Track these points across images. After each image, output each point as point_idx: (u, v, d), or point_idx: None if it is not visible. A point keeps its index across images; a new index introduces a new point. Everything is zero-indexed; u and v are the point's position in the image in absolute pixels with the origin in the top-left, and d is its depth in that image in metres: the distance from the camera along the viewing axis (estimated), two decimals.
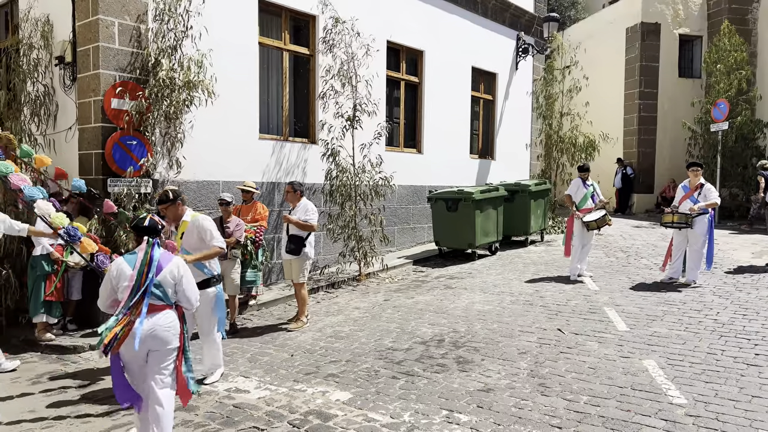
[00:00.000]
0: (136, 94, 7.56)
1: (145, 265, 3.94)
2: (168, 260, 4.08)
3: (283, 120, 10.01)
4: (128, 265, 3.98)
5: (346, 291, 9.35)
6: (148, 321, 3.89)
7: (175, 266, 4.09)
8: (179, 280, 4.08)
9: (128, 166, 7.56)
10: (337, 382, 5.41)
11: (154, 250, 4.02)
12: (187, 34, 7.82)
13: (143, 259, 3.96)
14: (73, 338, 6.99)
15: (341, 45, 9.69)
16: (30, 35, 8.12)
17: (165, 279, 4.01)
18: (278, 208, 9.60)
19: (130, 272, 3.94)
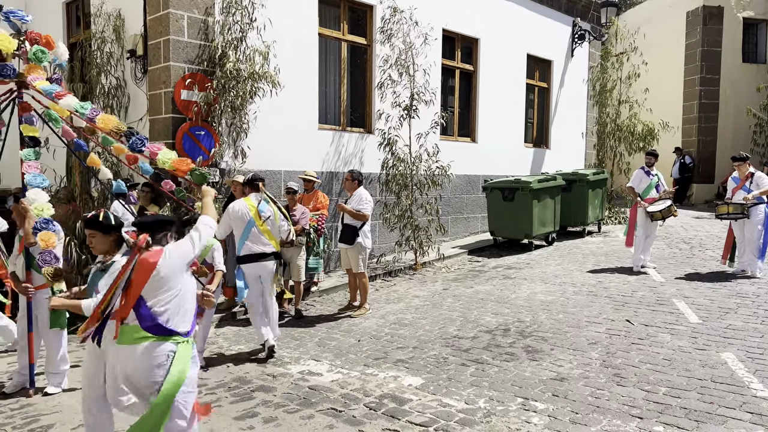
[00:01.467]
0: (204, 85, 7.78)
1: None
2: None
3: (341, 110, 10.11)
4: None
5: (404, 279, 9.42)
6: None
7: None
8: None
9: (197, 155, 7.79)
10: (407, 368, 5.48)
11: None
12: (252, 25, 7.98)
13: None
14: None
15: (399, 34, 9.70)
16: (102, 29, 8.43)
17: None
18: (336, 197, 9.72)
19: None
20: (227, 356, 6.02)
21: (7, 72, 4.76)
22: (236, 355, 6.07)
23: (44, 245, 4.27)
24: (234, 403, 4.78)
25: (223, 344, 6.45)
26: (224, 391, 5.04)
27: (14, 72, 4.80)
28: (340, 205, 7.47)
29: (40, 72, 5.01)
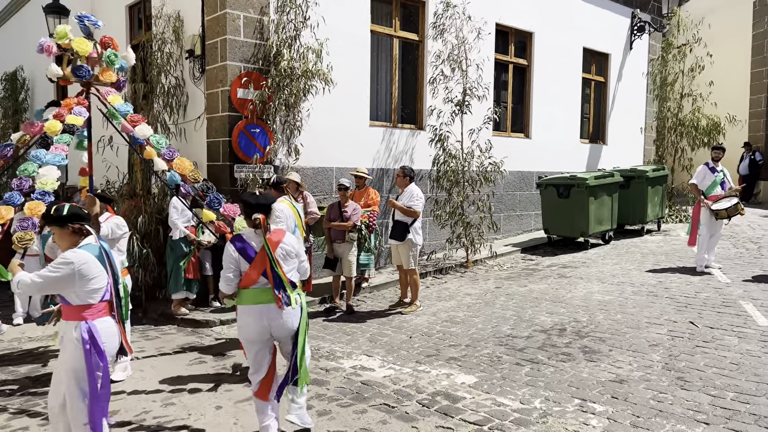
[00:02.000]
0: (259, 83, 7.92)
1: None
2: None
3: (392, 107, 10.11)
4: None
5: (455, 277, 9.34)
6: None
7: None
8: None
9: (253, 153, 7.95)
10: (460, 366, 5.43)
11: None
12: (306, 24, 8.08)
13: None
14: (204, 313, 7.47)
15: (451, 29, 9.62)
16: (163, 31, 8.68)
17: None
18: (387, 193, 9.72)
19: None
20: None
21: (82, 73, 4.96)
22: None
23: (29, 213, 4.32)
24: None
25: None
26: None
27: (89, 73, 5.00)
28: (391, 201, 7.46)
29: (111, 74, 5.18)
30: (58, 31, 4.90)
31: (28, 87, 14.74)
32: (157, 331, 6.99)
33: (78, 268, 3.26)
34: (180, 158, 4.89)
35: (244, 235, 3.93)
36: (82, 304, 3.34)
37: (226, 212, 4.81)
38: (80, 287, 3.30)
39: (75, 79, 5.01)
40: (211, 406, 4.65)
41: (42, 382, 5.21)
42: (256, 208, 3.90)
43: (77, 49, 4.91)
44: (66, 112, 4.88)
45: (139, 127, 4.96)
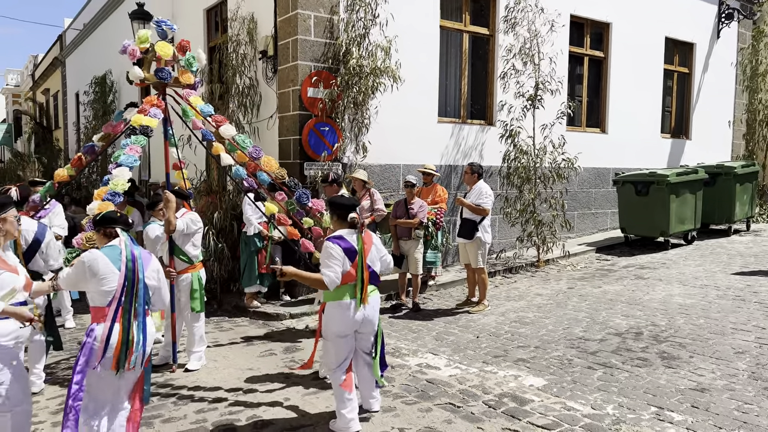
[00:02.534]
0: (329, 82, 8.03)
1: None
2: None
3: (461, 102, 9.98)
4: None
5: (525, 277, 9.12)
6: None
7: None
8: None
9: (322, 150, 8.07)
10: (529, 368, 5.29)
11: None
12: (375, 21, 8.11)
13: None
14: (275, 307, 7.67)
15: (523, 23, 9.39)
16: (238, 33, 8.97)
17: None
18: (455, 190, 9.62)
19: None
20: None
21: (164, 75, 5.20)
22: None
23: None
24: None
25: None
26: None
27: (170, 75, 5.24)
28: (459, 199, 7.37)
29: (189, 76, 5.39)
30: (139, 36, 5.14)
31: (115, 89, 15.66)
32: (230, 323, 7.24)
33: (88, 264, 3.33)
34: (267, 157, 5.02)
35: (345, 235, 4.07)
36: (96, 306, 3.39)
37: (315, 206, 4.94)
38: (94, 286, 3.34)
39: (156, 81, 5.24)
40: (280, 398, 4.75)
41: None
42: (351, 209, 4.15)
43: (160, 52, 5.14)
44: (149, 107, 5.11)
45: (223, 127, 5.13)
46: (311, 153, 8.10)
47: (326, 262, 3.95)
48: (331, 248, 3.97)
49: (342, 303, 4.05)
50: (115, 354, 3.28)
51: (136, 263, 3.40)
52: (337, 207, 4.18)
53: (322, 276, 3.93)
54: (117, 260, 3.36)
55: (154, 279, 3.56)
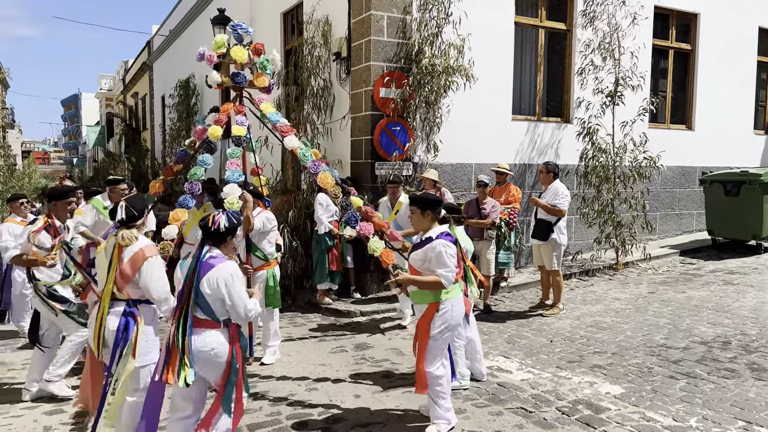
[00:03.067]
0: (401, 82, 8.06)
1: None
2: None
3: (536, 99, 9.75)
4: None
5: (602, 279, 8.80)
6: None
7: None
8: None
9: (393, 150, 8.11)
10: (605, 375, 5.10)
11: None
12: (448, 20, 8.07)
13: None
14: (346, 304, 7.79)
15: (603, 16, 9.04)
16: (313, 35, 9.17)
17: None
18: (529, 190, 9.41)
19: None
20: None
21: (239, 80, 5.39)
22: None
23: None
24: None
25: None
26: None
27: (245, 79, 5.42)
28: (534, 199, 7.20)
29: (264, 79, 5.55)
30: (216, 41, 5.34)
31: (198, 92, 16.39)
32: (303, 318, 7.42)
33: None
34: (323, 173, 5.04)
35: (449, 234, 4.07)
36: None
37: (362, 231, 4.80)
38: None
39: (232, 85, 5.44)
40: (350, 394, 4.83)
41: None
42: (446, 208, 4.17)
43: (235, 57, 5.33)
44: (225, 117, 5.30)
45: (287, 138, 5.23)
46: (382, 153, 8.16)
47: (443, 261, 3.87)
48: (448, 246, 3.91)
49: (456, 299, 4.05)
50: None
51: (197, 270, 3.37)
52: (431, 204, 4.07)
53: (439, 277, 3.87)
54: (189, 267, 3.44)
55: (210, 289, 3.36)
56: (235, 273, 3.40)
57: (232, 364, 3.42)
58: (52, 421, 4.34)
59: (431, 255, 3.91)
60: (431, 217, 4.07)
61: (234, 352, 3.43)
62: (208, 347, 3.36)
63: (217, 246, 3.48)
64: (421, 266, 3.98)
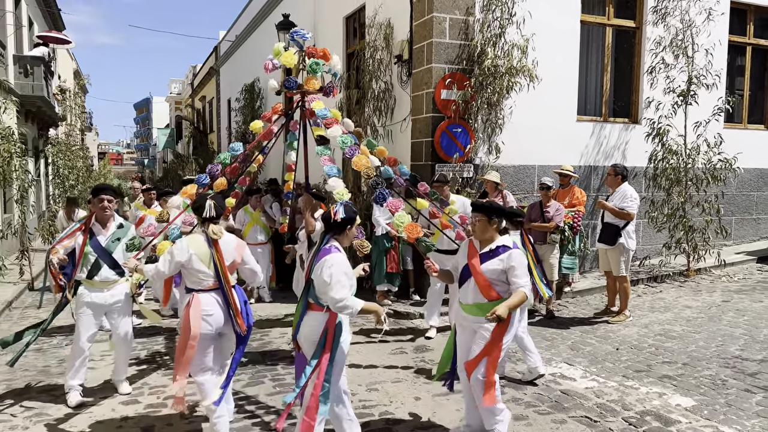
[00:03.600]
0: (462, 84, 8.02)
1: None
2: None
3: (602, 100, 9.48)
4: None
5: (672, 286, 8.46)
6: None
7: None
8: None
9: (453, 152, 8.08)
10: (675, 386, 4.91)
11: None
12: (512, 20, 7.97)
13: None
14: (405, 306, 7.82)
15: (675, 13, 8.70)
16: (375, 38, 9.25)
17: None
18: (594, 192, 9.16)
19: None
20: None
21: (291, 84, 5.52)
22: None
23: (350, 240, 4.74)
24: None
25: None
26: None
27: (296, 84, 5.54)
28: (601, 202, 7.00)
29: (314, 82, 5.64)
30: (273, 49, 5.49)
31: (262, 96, 16.85)
32: (363, 319, 7.49)
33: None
34: (358, 156, 5.08)
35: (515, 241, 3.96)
36: None
37: (390, 207, 4.81)
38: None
39: (285, 90, 5.57)
40: (411, 396, 4.85)
41: (269, 356, 5.93)
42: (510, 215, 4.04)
43: (285, 63, 5.46)
44: (270, 114, 5.65)
45: (331, 129, 5.30)
46: (443, 155, 8.14)
47: (523, 272, 3.76)
48: (520, 254, 3.80)
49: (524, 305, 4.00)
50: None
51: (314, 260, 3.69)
52: (498, 212, 3.89)
53: (524, 289, 3.73)
54: None
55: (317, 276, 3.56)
56: (340, 264, 3.50)
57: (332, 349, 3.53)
58: (128, 410, 4.58)
59: (514, 265, 3.74)
60: (497, 226, 3.89)
61: (325, 338, 3.54)
62: (307, 326, 3.62)
63: (337, 236, 3.64)
64: (497, 277, 3.79)
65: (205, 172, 5.47)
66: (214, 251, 3.90)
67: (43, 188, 18.34)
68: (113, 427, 4.30)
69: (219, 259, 3.91)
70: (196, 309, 3.85)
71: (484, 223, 3.87)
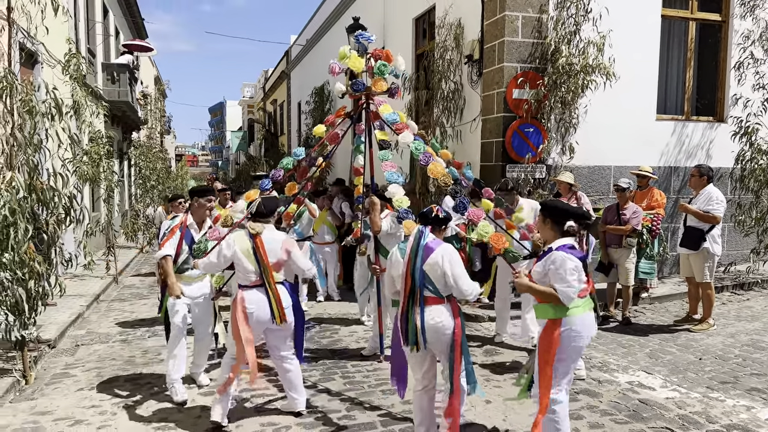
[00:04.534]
0: (535, 83, 7.85)
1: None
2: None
3: (685, 97, 9.05)
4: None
5: (761, 294, 7.97)
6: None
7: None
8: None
9: (525, 152, 7.93)
10: (765, 399, 4.61)
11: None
12: (588, 17, 7.74)
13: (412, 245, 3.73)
14: (472, 308, 7.72)
15: (766, 5, 8.20)
16: (445, 39, 9.22)
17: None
18: (674, 194, 8.75)
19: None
20: None
21: (358, 87, 5.55)
22: None
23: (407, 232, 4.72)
24: None
25: None
26: None
27: (363, 86, 5.57)
28: (684, 205, 6.67)
29: (382, 84, 5.65)
30: (339, 52, 5.54)
31: (331, 99, 17.14)
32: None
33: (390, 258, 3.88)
34: (434, 163, 5.03)
35: (575, 245, 3.67)
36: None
37: (472, 216, 4.74)
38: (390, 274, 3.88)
39: (353, 93, 5.60)
40: (481, 400, 4.78)
41: (338, 354, 6.02)
42: (573, 216, 3.63)
43: (352, 66, 5.49)
44: (333, 118, 5.65)
45: (402, 134, 5.28)
46: (514, 155, 8.00)
47: (561, 276, 3.45)
48: (569, 260, 3.46)
49: (580, 317, 3.53)
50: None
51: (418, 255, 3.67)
52: (556, 212, 3.63)
53: (557, 291, 3.47)
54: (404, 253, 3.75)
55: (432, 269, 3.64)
56: (455, 252, 3.69)
57: (461, 337, 3.73)
58: (207, 401, 4.76)
59: (550, 267, 3.51)
60: (550, 226, 3.65)
61: (461, 325, 3.72)
62: (436, 320, 3.65)
63: (433, 231, 3.79)
64: (540, 279, 3.62)
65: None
66: (255, 246, 4.14)
67: (126, 188, 19.40)
68: (192, 417, 4.49)
69: (260, 254, 4.16)
70: (239, 306, 4.17)
71: (540, 222, 3.75)
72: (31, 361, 5.34)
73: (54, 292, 5.35)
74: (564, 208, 3.70)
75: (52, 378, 5.35)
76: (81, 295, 8.53)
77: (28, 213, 4.90)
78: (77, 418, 4.45)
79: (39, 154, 5.23)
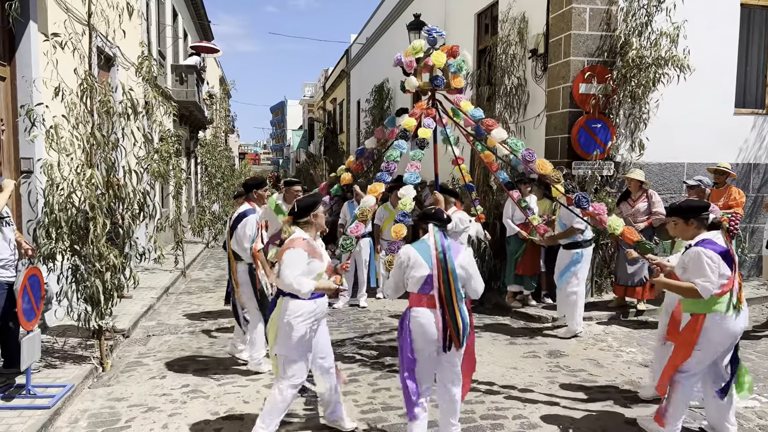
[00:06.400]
0: (603, 77, 7.60)
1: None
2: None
3: (765, 90, 8.55)
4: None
5: None
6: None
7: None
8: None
9: (593, 149, 7.69)
10: None
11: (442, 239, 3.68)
12: (660, 7, 7.42)
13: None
14: (536, 309, 7.57)
15: None
16: (508, 33, 9.05)
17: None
18: (754, 193, 8.27)
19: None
20: (619, 359, 5.79)
21: (438, 82, 5.49)
22: (629, 360, 5.77)
23: (395, 236, 4.74)
24: (623, 407, 4.56)
25: (613, 344, 6.23)
26: (616, 393, 4.86)
27: (443, 82, 5.50)
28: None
29: (459, 80, 5.58)
30: (414, 46, 5.47)
31: (391, 96, 17.16)
32: (490, 319, 7.37)
33: (402, 259, 3.70)
34: (541, 160, 4.93)
35: (714, 239, 3.66)
36: (410, 292, 3.72)
37: (596, 210, 4.70)
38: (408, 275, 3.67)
39: (431, 88, 5.53)
40: (545, 402, 4.67)
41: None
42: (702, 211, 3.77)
43: (435, 62, 5.41)
44: (419, 111, 5.38)
45: (495, 131, 5.20)
46: (580, 151, 7.77)
47: (700, 270, 3.56)
48: (709, 255, 3.56)
49: (726, 315, 3.63)
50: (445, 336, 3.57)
51: (447, 254, 3.61)
52: (694, 211, 3.76)
53: (695, 285, 3.56)
54: (426, 254, 3.63)
55: (462, 269, 3.64)
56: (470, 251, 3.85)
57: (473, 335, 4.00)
58: None
59: (687, 262, 3.65)
60: (696, 225, 3.75)
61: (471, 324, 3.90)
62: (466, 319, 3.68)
63: (445, 230, 3.81)
64: (681, 275, 3.73)
65: (334, 171, 5.64)
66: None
67: (193, 185, 20.11)
68: (258, 408, 4.59)
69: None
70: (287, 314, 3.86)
71: (682, 226, 3.84)
72: (107, 349, 5.60)
73: (129, 284, 5.59)
74: (698, 204, 3.85)
75: (126, 366, 5.60)
76: (152, 287, 8.89)
77: (105, 208, 5.14)
78: (150, 405, 4.64)
79: (116, 153, 5.47)
